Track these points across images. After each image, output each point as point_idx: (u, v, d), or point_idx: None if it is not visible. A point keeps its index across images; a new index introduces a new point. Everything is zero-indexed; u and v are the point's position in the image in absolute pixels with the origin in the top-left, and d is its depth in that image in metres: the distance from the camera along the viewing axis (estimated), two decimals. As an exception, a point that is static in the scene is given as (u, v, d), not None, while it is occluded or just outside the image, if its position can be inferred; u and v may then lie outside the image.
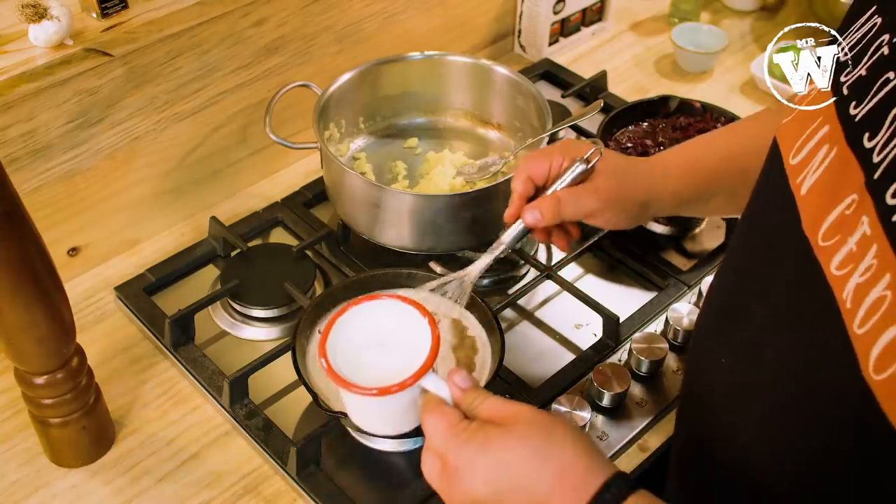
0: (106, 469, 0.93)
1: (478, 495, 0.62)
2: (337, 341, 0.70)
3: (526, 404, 0.65)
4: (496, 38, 1.51)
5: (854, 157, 0.59)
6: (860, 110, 0.61)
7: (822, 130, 0.64)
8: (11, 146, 0.99)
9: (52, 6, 0.96)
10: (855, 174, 0.59)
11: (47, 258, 0.79)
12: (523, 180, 0.88)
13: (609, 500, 0.60)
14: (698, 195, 0.92)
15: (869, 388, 0.52)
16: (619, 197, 0.88)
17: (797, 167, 0.65)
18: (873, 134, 0.58)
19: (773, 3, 1.66)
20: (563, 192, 0.86)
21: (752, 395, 0.67)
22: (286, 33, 1.18)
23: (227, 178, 1.23)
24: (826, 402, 0.58)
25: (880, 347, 0.52)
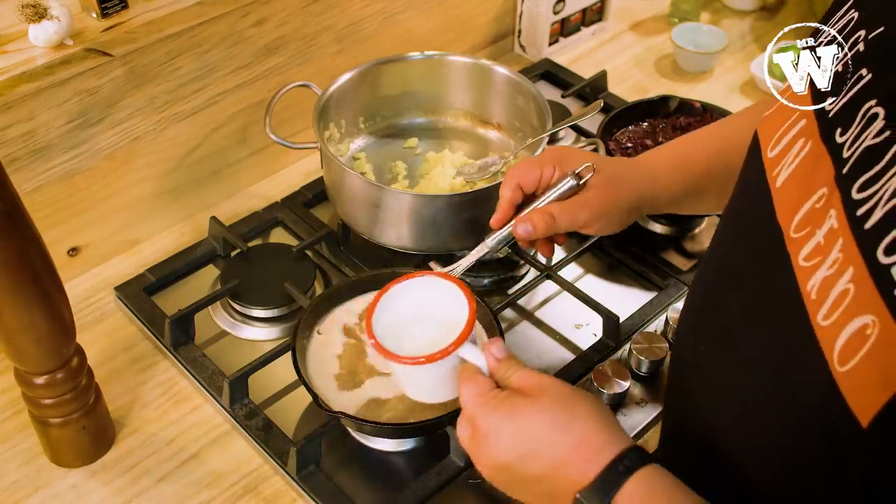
0: (106, 469, 0.93)
1: (501, 460, 0.67)
2: (380, 318, 0.75)
3: (554, 378, 0.69)
4: (496, 38, 1.51)
5: (826, 152, 0.60)
6: (834, 105, 0.62)
7: (800, 124, 0.65)
8: (11, 146, 0.99)
9: (52, 6, 0.96)
10: (826, 168, 0.60)
11: (47, 258, 0.79)
12: (512, 188, 0.88)
13: (620, 471, 0.62)
14: (689, 193, 0.92)
15: (834, 380, 0.53)
16: (610, 206, 0.88)
17: (774, 160, 0.67)
18: (845, 129, 0.59)
19: (773, 3, 1.66)
20: (556, 207, 0.86)
21: (728, 386, 0.68)
22: (286, 33, 1.19)
23: (227, 178, 1.23)
24: (795, 392, 0.59)
25: (844, 339, 0.53)
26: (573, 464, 0.64)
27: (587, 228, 0.88)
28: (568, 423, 0.65)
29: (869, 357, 0.51)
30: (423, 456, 0.93)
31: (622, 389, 0.95)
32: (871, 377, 0.51)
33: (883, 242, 0.52)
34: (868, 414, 0.50)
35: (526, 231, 0.86)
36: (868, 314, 0.52)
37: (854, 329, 0.52)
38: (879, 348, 0.50)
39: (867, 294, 0.52)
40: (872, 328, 0.51)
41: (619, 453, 0.63)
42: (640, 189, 0.90)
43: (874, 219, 0.53)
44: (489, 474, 0.69)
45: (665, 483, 0.64)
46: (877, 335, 0.51)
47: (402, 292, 0.77)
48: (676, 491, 0.64)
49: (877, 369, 0.50)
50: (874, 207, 0.53)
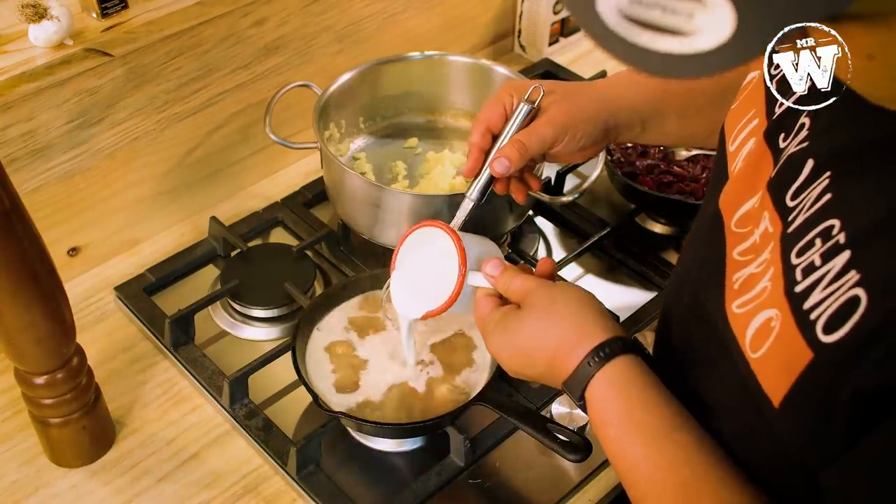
0: (106, 469, 0.93)
1: (513, 368, 0.75)
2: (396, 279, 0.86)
3: (541, 282, 0.75)
4: (496, 38, 1.51)
5: (769, 153, 0.64)
6: (780, 109, 0.65)
7: (753, 122, 0.68)
8: (11, 146, 0.99)
9: (52, 6, 0.96)
10: (767, 170, 0.63)
11: (47, 258, 0.79)
12: (482, 132, 0.88)
13: (596, 361, 0.69)
14: (653, 111, 0.91)
15: (748, 364, 0.58)
16: (576, 118, 0.87)
17: (733, 154, 0.70)
18: (787, 134, 0.62)
19: (773, 3, 1.66)
20: (522, 134, 0.86)
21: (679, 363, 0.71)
22: (286, 33, 1.18)
23: (227, 178, 1.23)
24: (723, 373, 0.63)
25: (752, 329, 0.58)
26: (558, 362, 0.71)
27: (559, 147, 0.87)
28: (544, 330, 0.72)
29: (773, 348, 0.56)
30: (423, 456, 0.93)
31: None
32: (776, 365, 0.56)
33: (797, 245, 0.56)
34: (778, 395, 0.55)
35: (503, 165, 0.86)
36: (773, 308, 0.56)
37: (762, 321, 0.57)
38: (780, 340, 0.55)
39: (776, 290, 0.57)
40: (776, 321, 0.56)
41: (594, 346, 0.68)
42: (601, 98, 0.89)
43: (795, 224, 0.57)
44: (514, 377, 0.77)
45: (639, 373, 0.68)
46: (778, 328, 0.56)
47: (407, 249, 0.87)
48: (649, 383, 0.68)
49: (780, 359, 0.55)
50: (798, 214, 0.57)
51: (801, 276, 0.55)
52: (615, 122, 0.90)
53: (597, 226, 1.15)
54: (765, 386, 0.57)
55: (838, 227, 0.53)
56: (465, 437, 0.89)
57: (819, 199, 0.56)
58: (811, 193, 0.57)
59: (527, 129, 0.87)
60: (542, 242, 1.17)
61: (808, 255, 0.55)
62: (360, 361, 0.92)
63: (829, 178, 0.56)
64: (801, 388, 0.54)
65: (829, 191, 0.56)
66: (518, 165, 0.86)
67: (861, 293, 0.50)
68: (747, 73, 0.74)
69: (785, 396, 0.55)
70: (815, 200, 0.56)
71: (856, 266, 0.51)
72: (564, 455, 0.82)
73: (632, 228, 1.18)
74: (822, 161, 0.58)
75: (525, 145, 0.86)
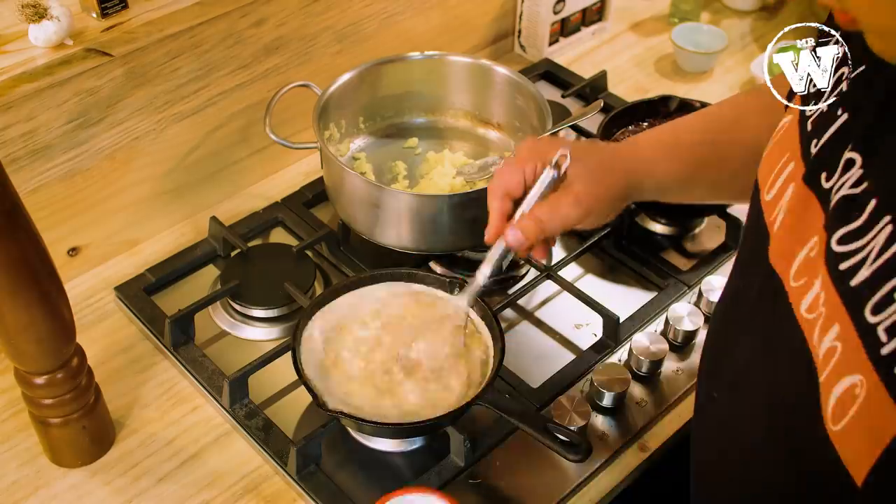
0: (106, 469, 0.93)
1: None
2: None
3: None
4: (496, 38, 1.51)
5: (814, 197, 0.59)
6: (817, 147, 0.61)
7: (789, 167, 0.64)
8: (11, 146, 0.99)
9: (52, 6, 0.96)
10: (816, 214, 0.59)
11: (47, 258, 0.79)
12: (500, 197, 0.84)
13: None
14: (678, 180, 0.89)
15: (829, 437, 0.53)
16: (600, 197, 0.84)
17: (771, 203, 0.66)
18: (830, 174, 0.58)
19: (773, 3, 1.66)
20: (543, 209, 0.82)
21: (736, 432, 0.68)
22: (286, 33, 1.18)
23: (227, 178, 1.23)
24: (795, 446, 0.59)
25: (834, 398, 0.53)
26: None
27: (579, 224, 0.84)
28: None
29: (858, 416, 0.51)
30: (424, 456, 0.93)
31: (622, 389, 0.95)
32: (861, 436, 0.51)
33: (871, 301, 0.51)
34: (861, 471, 0.51)
35: (517, 240, 0.82)
36: (856, 374, 0.51)
37: (843, 388, 0.52)
38: (867, 408, 0.50)
39: (854, 353, 0.51)
40: (860, 388, 0.51)
41: None
42: (629, 176, 0.86)
43: (860, 277, 0.52)
44: None
45: None
46: (864, 395, 0.51)
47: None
48: None
49: (866, 428, 0.50)
50: (860, 264, 0.53)
51: (885, 337, 0.50)
52: (640, 196, 0.88)
53: (597, 226, 1.16)
54: (846, 460, 0.52)
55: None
56: (465, 437, 0.90)
57: (888, 247, 0.51)
58: (876, 240, 0.52)
59: (551, 205, 0.82)
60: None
61: (888, 311, 0.50)
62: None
63: (892, 223, 0.51)
64: (889, 459, 0.49)
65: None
66: (533, 242, 0.82)
67: None
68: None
69: (870, 471, 0.50)
70: (883, 249, 0.51)
71: None
72: (564, 455, 0.83)
73: (632, 228, 1.18)
74: (882, 203, 0.53)
75: (545, 224, 0.81)
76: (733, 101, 0.95)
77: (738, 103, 0.94)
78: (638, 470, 0.94)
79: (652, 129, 0.93)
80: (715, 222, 1.19)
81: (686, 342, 1.03)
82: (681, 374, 1.01)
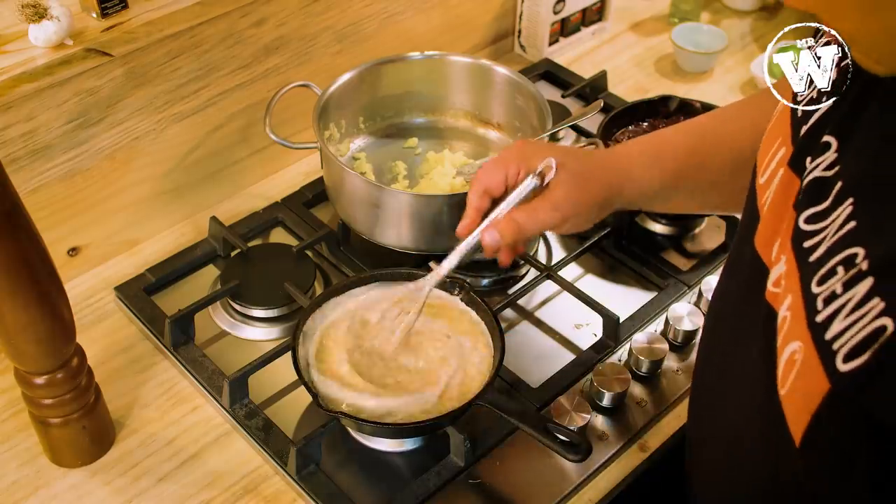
0: (106, 469, 0.93)
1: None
2: None
3: None
4: (496, 38, 1.51)
5: (797, 179, 0.61)
6: (803, 132, 0.62)
7: (780, 152, 0.66)
8: (11, 146, 0.99)
9: (52, 6, 0.96)
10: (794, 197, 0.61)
11: (47, 258, 0.79)
12: (479, 194, 0.85)
13: None
14: (662, 189, 0.90)
15: (779, 401, 0.56)
16: (580, 204, 0.85)
17: (763, 187, 0.67)
18: (814, 158, 0.60)
19: (773, 3, 1.66)
20: (522, 213, 0.83)
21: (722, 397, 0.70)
22: (286, 33, 1.18)
23: (227, 178, 1.23)
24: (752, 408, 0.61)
25: (782, 364, 0.56)
26: None
27: (556, 230, 0.86)
28: None
29: (797, 380, 0.54)
30: (423, 456, 0.93)
31: (622, 389, 0.95)
32: (798, 399, 0.53)
33: (818, 273, 0.54)
34: (798, 432, 0.53)
35: (493, 239, 0.83)
36: (797, 340, 0.54)
37: (788, 353, 0.55)
38: (803, 373, 0.53)
39: (797, 321, 0.54)
40: (799, 353, 0.53)
41: None
42: (611, 184, 0.87)
43: (817, 253, 0.55)
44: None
45: None
46: (801, 360, 0.53)
47: None
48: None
49: (802, 392, 0.53)
50: (821, 242, 0.55)
51: (821, 306, 0.53)
52: (620, 203, 0.89)
53: (597, 226, 1.15)
54: (790, 423, 0.55)
55: (862, 255, 0.51)
56: (465, 437, 0.89)
57: (843, 226, 0.54)
58: (835, 220, 0.55)
59: (530, 207, 0.84)
60: (542, 242, 1.17)
61: (829, 283, 0.53)
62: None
63: (852, 204, 0.54)
64: (818, 422, 0.52)
65: (853, 218, 0.53)
66: (508, 242, 0.84)
67: (889, 322, 0.47)
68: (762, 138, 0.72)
69: (804, 433, 0.53)
70: (839, 228, 0.54)
71: (879, 294, 0.49)
72: (564, 455, 0.83)
73: (632, 228, 1.18)
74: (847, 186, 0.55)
75: (521, 227, 0.83)
76: (716, 112, 0.97)
77: (721, 113, 0.96)
78: (638, 470, 0.94)
79: (637, 138, 0.95)
80: (715, 222, 1.19)
81: (686, 342, 1.03)
82: (681, 374, 1.01)
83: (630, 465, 0.94)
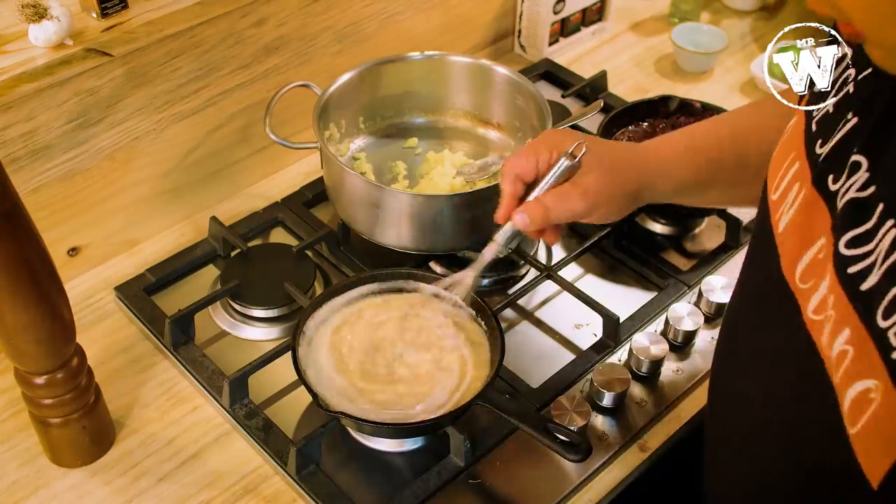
0: (106, 469, 0.93)
1: None
2: None
3: None
4: (496, 38, 1.51)
5: (821, 199, 0.59)
6: (824, 150, 0.61)
7: (794, 167, 0.64)
8: (11, 146, 0.99)
9: (52, 6, 0.96)
10: (823, 216, 0.59)
11: (47, 258, 0.79)
12: (511, 180, 0.85)
13: None
14: (697, 182, 0.89)
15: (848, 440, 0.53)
16: (610, 193, 0.84)
17: (776, 203, 0.66)
18: (837, 177, 0.58)
19: (773, 3, 1.66)
20: (551, 197, 0.83)
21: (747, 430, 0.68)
22: (286, 33, 1.18)
23: (227, 178, 1.23)
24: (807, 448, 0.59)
25: (849, 400, 0.52)
26: None
27: (586, 217, 0.85)
28: None
29: (874, 420, 0.50)
30: (423, 456, 0.93)
31: (622, 389, 0.95)
32: (877, 439, 0.50)
33: (881, 306, 0.51)
34: (878, 473, 0.50)
35: (523, 221, 0.83)
36: (870, 378, 0.51)
37: (857, 392, 0.52)
38: (883, 413, 0.50)
39: (867, 357, 0.51)
40: (875, 392, 0.50)
41: None
42: (644, 174, 0.86)
43: (870, 282, 0.52)
44: None
45: None
46: (879, 400, 0.50)
47: None
48: None
49: (882, 432, 0.50)
50: (870, 269, 0.52)
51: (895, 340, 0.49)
52: (652, 197, 0.88)
53: (597, 226, 1.15)
54: (864, 464, 0.52)
55: None
56: (465, 437, 0.89)
57: (893, 251, 0.51)
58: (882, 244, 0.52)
59: (559, 194, 0.83)
60: (543, 242, 1.17)
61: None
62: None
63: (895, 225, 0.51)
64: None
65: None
66: (539, 227, 0.83)
67: None
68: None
69: (886, 476, 0.50)
70: (890, 252, 0.51)
71: None
72: (564, 455, 0.83)
73: (632, 228, 1.18)
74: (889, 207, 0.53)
75: (549, 211, 0.82)
76: (753, 106, 0.96)
77: (758, 106, 0.94)
78: (638, 470, 0.94)
79: (671, 132, 0.93)
80: (715, 222, 1.19)
81: (686, 342, 1.03)
82: (681, 374, 1.01)
83: (630, 465, 0.94)
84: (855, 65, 0.61)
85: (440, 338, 0.91)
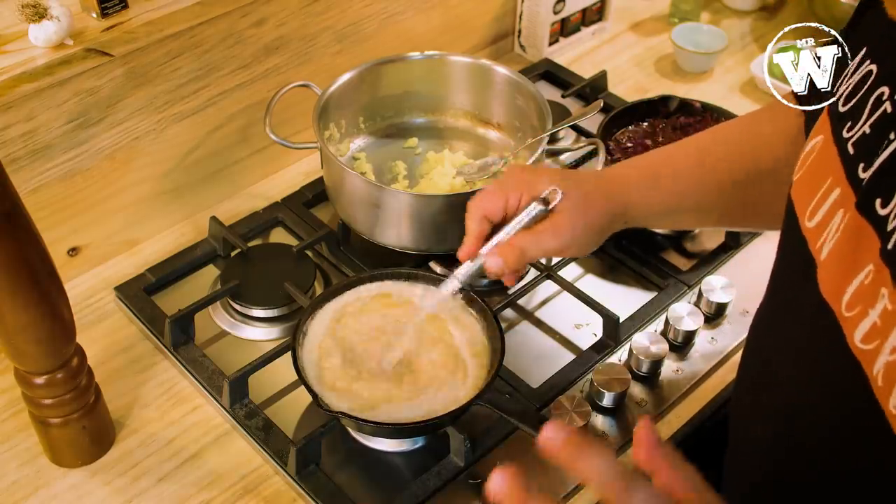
0: (106, 469, 0.93)
1: None
2: None
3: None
4: (496, 38, 1.51)
5: (868, 224, 0.58)
6: (868, 173, 0.59)
7: (834, 193, 0.62)
8: (11, 146, 0.99)
9: (52, 6, 0.96)
10: (871, 242, 0.57)
11: (47, 258, 0.79)
12: (478, 219, 0.84)
13: None
14: (665, 210, 0.90)
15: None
16: (580, 231, 0.84)
17: (815, 231, 0.64)
18: (886, 200, 0.56)
19: (773, 3, 1.66)
20: (525, 238, 0.82)
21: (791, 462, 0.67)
22: (286, 33, 1.19)
23: (227, 178, 1.23)
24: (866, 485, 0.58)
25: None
26: None
27: (560, 255, 0.85)
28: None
29: None
30: (423, 456, 0.93)
31: (622, 389, 0.95)
32: None
33: None
34: None
35: (497, 265, 0.83)
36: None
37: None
38: None
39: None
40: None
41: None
42: (612, 209, 0.86)
43: None
44: None
45: None
46: None
47: None
48: None
49: None
50: None
51: None
52: (626, 224, 0.88)
53: (597, 226, 1.16)
54: None
55: None
56: (465, 437, 0.89)
57: None
58: None
59: (533, 233, 0.83)
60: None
61: None
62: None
63: None
64: None
65: None
66: (512, 269, 0.83)
67: None
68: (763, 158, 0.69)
69: None
70: None
71: None
72: (564, 455, 0.82)
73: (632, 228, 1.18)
74: None
75: (524, 253, 0.82)
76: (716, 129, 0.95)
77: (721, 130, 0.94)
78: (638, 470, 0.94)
79: (636, 157, 0.93)
80: (715, 222, 1.19)
81: (686, 342, 1.03)
82: (681, 374, 1.01)
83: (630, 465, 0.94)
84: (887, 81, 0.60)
85: (440, 338, 0.91)
